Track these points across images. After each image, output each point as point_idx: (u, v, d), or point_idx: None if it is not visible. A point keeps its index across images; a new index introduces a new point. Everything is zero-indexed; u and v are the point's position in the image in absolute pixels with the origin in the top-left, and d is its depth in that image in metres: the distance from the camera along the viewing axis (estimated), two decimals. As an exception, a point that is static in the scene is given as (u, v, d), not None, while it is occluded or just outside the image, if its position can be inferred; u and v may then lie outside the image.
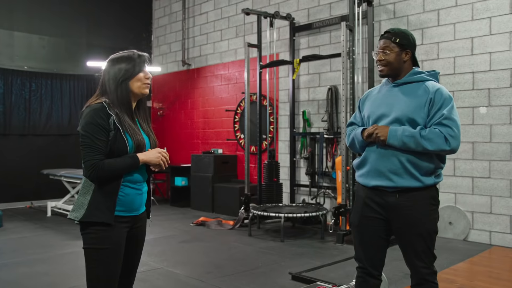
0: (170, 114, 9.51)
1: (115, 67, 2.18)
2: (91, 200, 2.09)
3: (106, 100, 2.14)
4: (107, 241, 2.10)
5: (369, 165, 2.43)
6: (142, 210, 2.28)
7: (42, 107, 8.25)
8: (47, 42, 8.35)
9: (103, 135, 2.07)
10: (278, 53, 7.24)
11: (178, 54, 9.25)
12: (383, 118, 2.41)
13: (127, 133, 2.12)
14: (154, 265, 4.49)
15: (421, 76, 2.42)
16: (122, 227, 2.15)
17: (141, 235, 2.33)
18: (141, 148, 2.17)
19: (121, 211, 2.14)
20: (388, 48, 2.42)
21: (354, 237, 2.55)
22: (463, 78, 5.39)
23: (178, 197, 8.46)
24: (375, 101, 2.51)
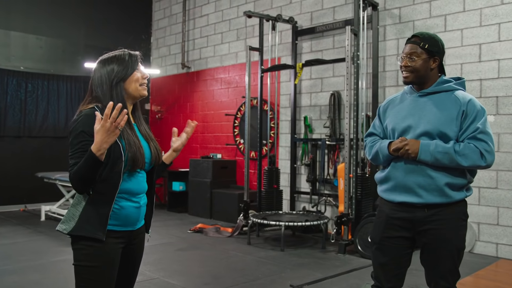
0: (168, 118, 9.35)
1: (106, 68, 1.99)
2: (83, 212, 1.91)
3: (99, 105, 1.94)
4: (98, 258, 1.92)
5: (394, 180, 2.28)
6: (139, 224, 2.09)
7: (38, 108, 8.09)
8: (44, 42, 8.19)
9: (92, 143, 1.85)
10: (280, 57, 7.10)
11: (177, 57, 9.10)
12: (410, 130, 2.26)
13: (123, 142, 1.93)
14: (150, 275, 4.32)
15: (449, 85, 2.28)
16: (116, 243, 1.96)
17: (138, 251, 2.14)
18: (137, 159, 1.96)
19: (115, 226, 1.95)
20: (415, 54, 2.25)
21: (373, 255, 2.40)
22: (470, 85, 5.25)
23: (176, 203, 8.30)
24: (400, 111, 2.33)
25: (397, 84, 5.83)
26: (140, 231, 2.12)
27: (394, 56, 5.85)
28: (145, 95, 2.06)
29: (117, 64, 1.99)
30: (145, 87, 2.05)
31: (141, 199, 2.06)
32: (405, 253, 2.31)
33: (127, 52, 2.05)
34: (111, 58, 2.02)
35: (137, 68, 2.03)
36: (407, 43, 2.31)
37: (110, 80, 1.97)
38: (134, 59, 2.03)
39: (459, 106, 2.18)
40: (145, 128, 2.13)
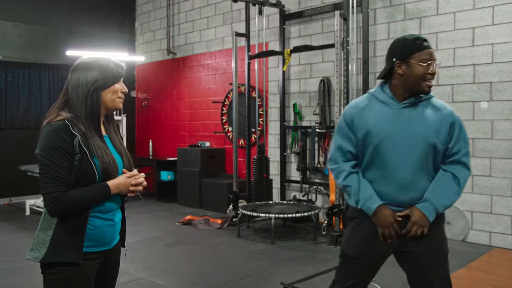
0: (155, 105, 9.13)
1: (87, 73, 1.84)
2: (54, 236, 1.77)
3: (69, 116, 1.80)
4: (71, 283, 1.79)
5: (385, 197, 2.12)
6: (115, 242, 1.96)
7: (20, 99, 7.83)
8: (23, 30, 7.88)
9: (66, 161, 1.74)
10: (268, 42, 6.88)
11: (163, 42, 8.83)
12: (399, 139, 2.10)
13: (95, 156, 1.79)
14: (136, 274, 4.19)
15: (429, 94, 2.17)
16: (91, 264, 1.84)
17: (114, 269, 2.03)
18: (111, 173, 1.84)
19: (90, 247, 1.82)
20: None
21: (343, 268, 2.22)
22: (463, 70, 5.10)
23: (165, 192, 8.15)
24: (381, 122, 2.12)
25: (388, 69, 5.65)
26: (116, 248, 2.00)
27: (385, 40, 5.66)
28: (120, 107, 1.93)
29: (100, 71, 1.85)
30: (122, 100, 1.93)
31: (115, 216, 1.94)
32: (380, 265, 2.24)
33: (113, 61, 1.92)
34: (95, 63, 1.87)
35: (119, 80, 1.91)
36: (426, 49, 2.08)
37: (88, 86, 1.83)
38: (119, 70, 1.91)
39: (444, 117, 2.11)
40: (118, 139, 2.00)
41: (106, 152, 1.85)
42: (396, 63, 2.11)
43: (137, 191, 1.90)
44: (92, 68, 1.85)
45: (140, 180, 1.90)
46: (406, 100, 2.12)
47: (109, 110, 1.93)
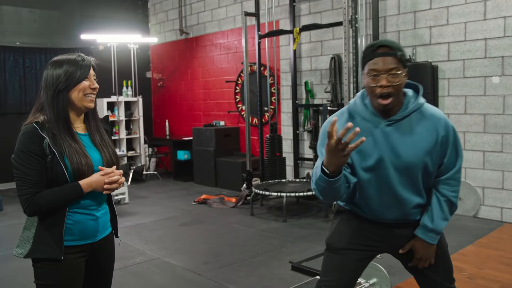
0: (170, 85, 9.23)
1: (54, 72, 1.84)
2: (36, 233, 1.84)
3: (41, 118, 1.84)
4: (56, 276, 1.86)
5: (368, 211, 2.02)
6: (101, 235, 1.99)
7: (38, 84, 7.98)
8: (38, 15, 8.01)
9: (36, 163, 1.78)
10: (278, 20, 6.85)
11: (175, 22, 8.86)
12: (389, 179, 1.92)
13: (65, 157, 1.81)
14: (151, 255, 4.36)
15: (417, 103, 1.89)
16: (75, 257, 1.89)
17: (106, 262, 2.07)
18: (83, 172, 1.84)
19: (72, 241, 1.87)
20: (397, 68, 1.79)
21: (331, 261, 2.10)
22: (474, 45, 5.01)
23: (181, 171, 8.31)
24: (366, 148, 1.87)
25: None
26: (106, 240, 2.03)
27: (395, 16, 5.59)
28: (91, 107, 1.91)
29: (65, 70, 1.84)
30: (92, 98, 1.90)
31: (98, 211, 1.96)
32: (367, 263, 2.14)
33: (80, 57, 1.89)
34: (61, 61, 1.87)
35: (87, 77, 1.87)
36: (377, 56, 1.79)
37: (54, 86, 1.83)
38: (86, 64, 1.87)
39: (432, 130, 1.87)
40: (100, 136, 1.99)
41: (77, 151, 1.85)
42: (362, 75, 1.90)
43: (112, 189, 1.88)
44: (59, 67, 1.84)
45: (114, 178, 1.88)
46: (390, 118, 1.86)
47: (79, 109, 1.91)
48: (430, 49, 5.33)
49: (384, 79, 1.77)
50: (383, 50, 1.79)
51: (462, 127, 5.16)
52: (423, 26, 5.37)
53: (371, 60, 1.81)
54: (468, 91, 5.10)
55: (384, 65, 1.78)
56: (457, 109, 5.19)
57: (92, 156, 1.92)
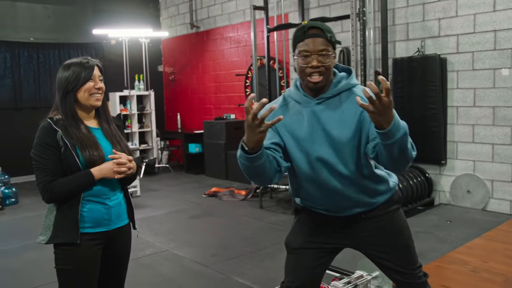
0: (181, 79, 9.30)
1: (63, 74, 2.04)
2: (56, 221, 2.00)
3: (57, 116, 2.04)
4: (73, 261, 2.00)
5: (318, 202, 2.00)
6: (115, 225, 2.11)
7: (52, 79, 8.13)
8: (52, 11, 8.13)
9: (51, 154, 1.97)
10: (287, 13, 6.85)
11: (186, 16, 8.91)
12: (314, 152, 1.89)
13: (77, 147, 1.99)
14: (160, 247, 4.45)
15: (347, 83, 1.89)
16: (91, 244, 2.03)
17: (121, 252, 2.19)
18: (95, 162, 2.01)
19: (88, 228, 2.02)
20: (327, 49, 1.81)
21: (289, 261, 2.11)
22: (484, 37, 4.97)
23: (193, 164, 8.41)
24: (298, 129, 1.89)
25: (407, 38, 5.57)
26: (122, 231, 2.15)
27: (403, 8, 5.56)
28: (97, 105, 2.07)
29: (72, 72, 2.01)
30: (98, 97, 2.06)
31: (110, 200, 2.09)
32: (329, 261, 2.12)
33: (85, 60, 2.06)
34: (70, 65, 2.05)
35: (91, 78, 2.03)
36: (308, 38, 1.81)
37: (63, 87, 2.02)
38: (89, 68, 2.04)
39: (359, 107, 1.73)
40: (112, 131, 2.15)
41: (89, 143, 2.01)
42: (293, 56, 1.91)
43: (121, 172, 2.02)
44: (67, 69, 2.02)
45: (122, 160, 2.02)
46: (319, 96, 1.88)
47: (87, 107, 2.07)
48: (439, 41, 5.30)
49: (315, 60, 1.80)
50: (314, 31, 1.83)
51: (471, 119, 5.13)
52: (432, 18, 5.33)
53: (302, 41, 1.84)
54: (477, 84, 5.06)
55: (314, 46, 1.80)
56: (466, 101, 5.16)
57: (104, 147, 2.06)
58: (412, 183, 5.13)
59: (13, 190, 6.44)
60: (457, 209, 5.23)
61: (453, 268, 3.58)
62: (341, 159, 1.88)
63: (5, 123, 7.69)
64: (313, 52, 1.80)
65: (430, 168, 5.44)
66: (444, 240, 4.28)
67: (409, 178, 5.15)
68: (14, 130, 7.73)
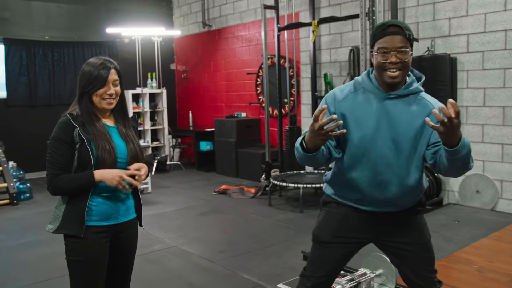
0: (193, 77, 9.38)
1: (82, 78, 2.12)
2: (65, 212, 2.09)
3: (76, 111, 2.12)
4: (81, 252, 2.08)
5: (359, 193, 2.05)
6: (122, 219, 2.18)
7: (66, 76, 8.28)
8: (66, 10, 8.26)
9: (64, 149, 2.05)
10: (298, 12, 6.88)
11: (198, 15, 8.98)
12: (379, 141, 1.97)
13: (92, 143, 2.06)
14: (169, 243, 4.53)
15: (417, 87, 1.98)
16: (99, 237, 2.10)
17: (128, 244, 2.26)
18: (106, 159, 2.07)
19: (96, 221, 2.10)
20: (405, 47, 1.88)
21: (315, 252, 2.19)
22: (494, 36, 4.94)
23: (204, 162, 8.48)
24: (366, 118, 1.97)
25: (417, 37, 5.56)
26: (129, 225, 2.22)
27: (414, 7, 5.55)
28: (109, 108, 2.16)
29: (89, 75, 2.09)
30: (109, 101, 2.13)
31: (119, 195, 2.16)
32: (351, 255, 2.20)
33: (103, 64, 2.11)
34: (90, 66, 2.12)
35: (106, 83, 2.10)
36: (387, 35, 1.90)
37: (81, 89, 2.12)
38: (104, 75, 2.10)
39: (427, 114, 1.91)
40: (127, 130, 2.23)
41: (104, 139, 2.08)
42: (370, 53, 2.02)
43: (123, 186, 2.05)
44: (84, 75, 2.10)
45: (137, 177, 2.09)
46: (392, 92, 1.95)
47: (100, 109, 2.15)
48: (449, 40, 5.28)
49: (394, 56, 1.87)
50: (393, 29, 1.90)
51: (480, 119, 5.11)
52: (442, 18, 5.32)
53: (381, 39, 1.92)
54: (487, 83, 5.04)
55: (393, 43, 1.88)
56: (475, 101, 5.15)
57: (118, 144, 2.14)
58: (421, 182, 5.13)
59: (28, 186, 6.58)
60: (466, 209, 5.22)
61: (459, 268, 3.59)
62: (398, 155, 1.95)
63: (20, 120, 7.84)
64: (392, 48, 1.88)
65: (439, 167, 5.43)
66: (451, 239, 4.28)
67: (418, 178, 5.15)
68: (29, 127, 7.89)
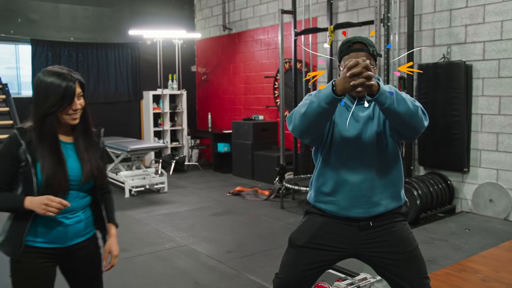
0: (213, 79, 9.51)
1: (45, 90, 1.85)
2: (10, 227, 1.92)
3: (28, 125, 1.90)
4: (22, 273, 1.91)
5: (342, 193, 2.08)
6: (71, 242, 1.97)
7: (89, 76, 8.52)
8: (91, 12, 8.51)
9: (6, 167, 1.87)
10: (316, 17, 6.92)
11: (219, 18, 9.11)
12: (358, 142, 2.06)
13: (38, 164, 1.85)
14: (179, 241, 4.64)
15: None
16: (39, 262, 1.91)
17: (86, 268, 2.06)
18: (51, 184, 1.85)
19: (41, 242, 1.91)
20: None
21: (288, 256, 2.18)
22: (511, 44, 4.90)
23: (221, 163, 8.60)
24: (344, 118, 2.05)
25: (433, 44, 5.55)
26: (81, 247, 2.01)
27: (430, 14, 5.54)
28: (73, 123, 1.92)
29: (54, 95, 1.84)
30: (75, 116, 1.90)
31: (67, 218, 1.94)
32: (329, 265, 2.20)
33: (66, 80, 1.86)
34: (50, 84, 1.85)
35: (73, 101, 1.87)
36: (352, 52, 1.96)
37: (43, 109, 1.85)
38: (71, 92, 1.86)
39: None
40: (87, 146, 1.98)
41: (51, 161, 1.86)
42: (338, 67, 2.06)
43: (52, 211, 1.82)
44: (48, 91, 1.84)
45: (53, 204, 1.81)
46: (361, 101, 2.01)
47: (63, 125, 1.92)
48: (465, 48, 5.25)
49: None
50: (357, 46, 1.97)
51: (495, 128, 5.07)
52: (459, 25, 5.29)
53: (347, 55, 1.98)
54: (502, 91, 4.99)
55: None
56: (490, 109, 5.10)
57: (71, 166, 1.92)
58: (432, 189, 5.12)
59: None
60: (478, 217, 5.17)
61: (463, 276, 3.58)
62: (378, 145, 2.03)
63: (45, 118, 8.09)
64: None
65: (453, 175, 5.40)
66: (459, 248, 4.27)
67: (429, 185, 5.14)
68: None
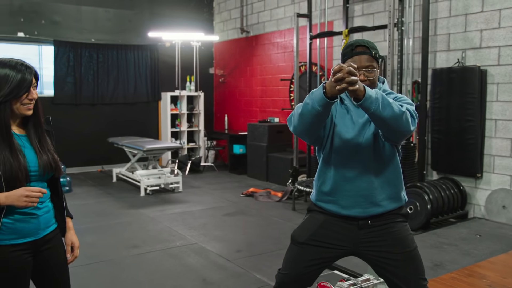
0: (231, 81, 9.62)
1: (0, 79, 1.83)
2: None
3: None
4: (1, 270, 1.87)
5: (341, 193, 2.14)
6: (44, 232, 1.97)
7: (109, 77, 8.71)
8: (113, 14, 8.70)
9: None
10: (332, 21, 6.96)
11: (237, 21, 9.21)
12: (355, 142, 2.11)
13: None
14: (190, 240, 4.73)
15: (384, 89, 2.16)
16: (17, 256, 1.88)
17: (53, 256, 2.03)
18: (15, 177, 1.81)
19: (14, 239, 1.88)
20: (372, 65, 2.05)
21: (290, 252, 2.27)
22: (525, 49, 4.86)
23: (237, 164, 8.69)
24: (347, 120, 2.12)
25: (448, 48, 5.53)
26: (51, 236, 2.02)
27: (446, 19, 5.52)
28: (28, 114, 1.91)
29: (10, 81, 1.83)
30: (30, 106, 1.90)
31: (38, 209, 1.94)
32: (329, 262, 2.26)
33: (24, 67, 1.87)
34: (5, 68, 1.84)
35: (29, 90, 1.87)
36: (356, 54, 2.06)
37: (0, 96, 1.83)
38: (26, 80, 1.86)
39: None
40: (40, 137, 1.97)
41: (12, 152, 1.83)
42: None
43: (30, 204, 1.82)
44: (3, 79, 1.83)
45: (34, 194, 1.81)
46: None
47: (17, 116, 1.91)
48: (480, 52, 5.23)
49: (362, 75, 2.04)
50: (360, 49, 2.07)
51: (509, 133, 5.03)
52: (474, 29, 5.27)
53: (350, 58, 2.08)
54: (517, 97, 4.96)
55: (361, 63, 2.04)
56: (505, 115, 5.06)
57: (29, 158, 1.90)
58: (444, 194, 5.10)
59: (68, 180, 6.98)
60: (491, 224, 5.13)
61: (469, 281, 3.57)
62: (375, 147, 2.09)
63: (66, 117, 8.28)
64: (361, 68, 2.04)
65: (465, 180, 5.37)
66: (467, 253, 4.25)
67: (441, 190, 5.12)
68: (73, 124, 8.34)
